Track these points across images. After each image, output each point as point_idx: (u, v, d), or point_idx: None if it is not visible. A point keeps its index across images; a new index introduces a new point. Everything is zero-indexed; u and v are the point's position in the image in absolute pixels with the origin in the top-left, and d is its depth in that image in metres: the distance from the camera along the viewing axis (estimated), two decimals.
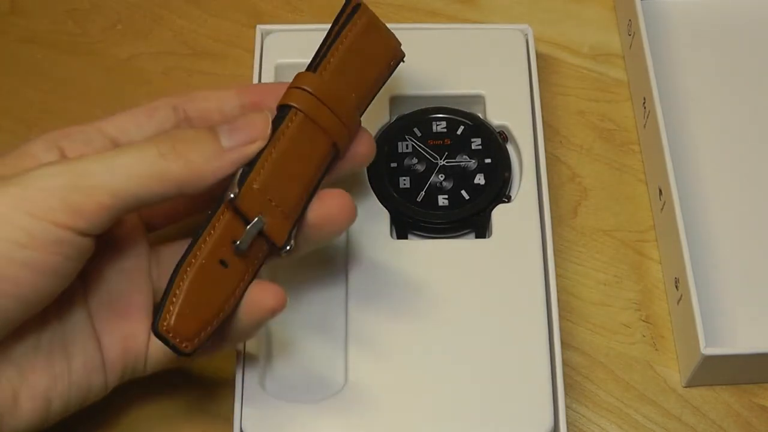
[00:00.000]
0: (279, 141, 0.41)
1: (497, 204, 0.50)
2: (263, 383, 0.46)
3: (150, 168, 0.38)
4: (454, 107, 0.53)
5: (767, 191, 0.53)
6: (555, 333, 0.47)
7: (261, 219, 0.40)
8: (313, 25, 0.56)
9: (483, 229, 0.50)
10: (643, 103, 0.54)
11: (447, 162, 0.52)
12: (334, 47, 0.43)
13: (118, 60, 0.59)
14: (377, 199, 0.50)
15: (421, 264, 0.48)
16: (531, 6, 0.61)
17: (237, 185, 0.39)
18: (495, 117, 0.53)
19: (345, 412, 0.45)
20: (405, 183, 0.51)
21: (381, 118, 0.53)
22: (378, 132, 0.53)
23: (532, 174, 0.51)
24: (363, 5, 0.44)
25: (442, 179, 0.51)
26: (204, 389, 0.48)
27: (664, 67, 0.57)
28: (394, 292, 0.48)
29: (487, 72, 0.54)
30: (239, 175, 0.40)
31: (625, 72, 0.59)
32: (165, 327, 0.38)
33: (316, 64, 0.42)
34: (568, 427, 0.45)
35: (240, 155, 0.40)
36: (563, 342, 0.48)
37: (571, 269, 0.52)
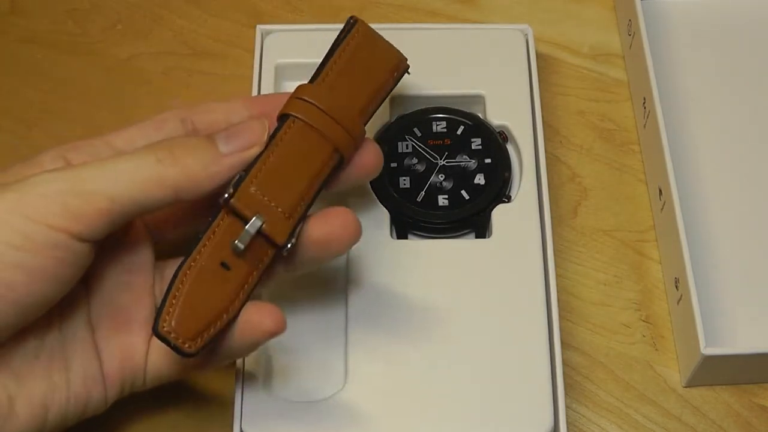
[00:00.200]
0: (276, 146, 0.41)
1: (497, 204, 0.50)
2: (263, 383, 0.46)
3: (148, 173, 0.38)
4: (454, 107, 0.53)
5: (767, 191, 0.53)
6: (555, 333, 0.47)
7: (259, 218, 0.40)
8: (313, 25, 0.56)
9: (483, 229, 0.50)
10: (643, 103, 0.54)
11: (447, 162, 0.52)
12: (332, 60, 0.44)
13: (118, 60, 0.59)
14: (377, 199, 0.50)
15: (421, 264, 0.48)
16: (531, 6, 0.61)
17: (233, 186, 0.40)
18: (495, 117, 0.53)
19: (345, 412, 0.45)
20: (405, 183, 0.51)
21: (381, 118, 0.53)
22: (378, 132, 0.53)
23: (532, 174, 0.51)
24: (360, 21, 0.45)
25: (442, 179, 0.51)
26: (204, 389, 0.48)
27: (664, 67, 0.57)
28: (394, 292, 0.48)
29: (487, 72, 0.54)
30: (235, 179, 0.40)
31: (625, 72, 0.59)
32: (165, 328, 0.38)
33: (315, 77, 0.44)
34: (568, 427, 0.45)
35: (237, 160, 0.40)
36: (563, 342, 0.48)
37: (571, 269, 0.52)
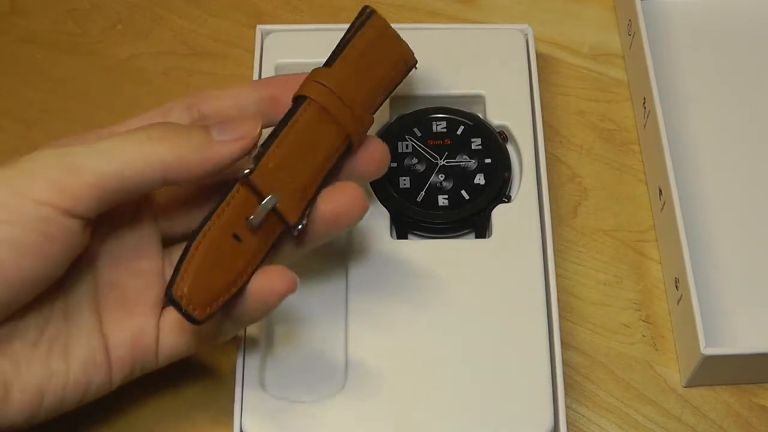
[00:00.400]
0: (294, 126, 0.42)
1: (497, 204, 0.50)
2: (263, 383, 0.46)
3: (138, 149, 0.39)
4: (454, 107, 0.53)
5: (767, 191, 0.53)
6: (555, 333, 0.47)
7: (275, 196, 0.40)
8: (313, 25, 0.56)
9: (483, 229, 0.50)
10: (643, 103, 0.54)
11: (447, 162, 0.52)
12: (348, 48, 0.44)
13: (118, 60, 0.59)
14: (377, 199, 0.50)
15: (421, 264, 0.48)
16: (531, 6, 0.61)
17: (253, 161, 0.40)
18: (495, 117, 0.53)
19: (345, 411, 0.45)
20: (405, 183, 0.51)
21: (381, 118, 0.53)
22: (378, 132, 0.53)
23: (532, 174, 0.51)
24: (376, 13, 0.46)
25: (442, 179, 0.51)
26: (204, 389, 0.48)
27: (664, 67, 0.57)
28: (394, 292, 0.48)
29: (487, 72, 0.54)
30: (255, 154, 0.41)
31: (625, 72, 0.59)
32: (179, 294, 0.38)
33: (331, 61, 0.44)
34: (568, 427, 0.45)
35: (227, 149, 0.40)
36: (563, 342, 0.48)
37: (571, 269, 0.52)
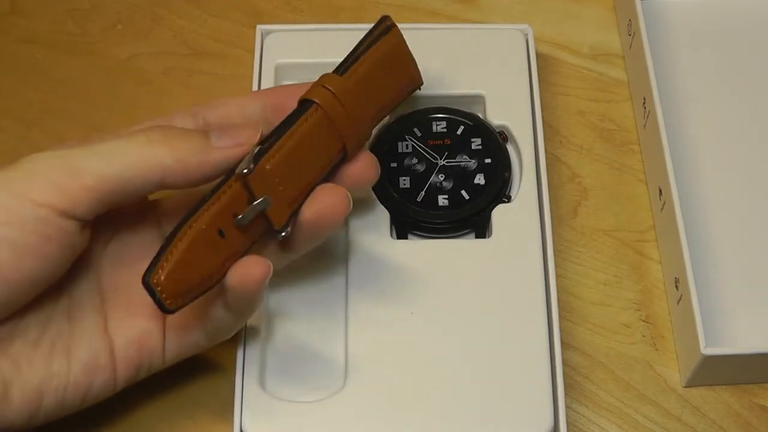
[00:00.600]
0: (297, 130, 0.42)
1: (497, 204, 0.50)
2: (263, 383, 0.46)
3: (137, 151, 0.39)
4: (454, 107, 0.53)
5: (767, 191, 0.53)
6: (555, 333, 0.47)
7: (267, 199, 0.40)
8: (313, 25, 0.56)
9: (483, 229, 0.50)
10: (643, 103, 0.54)
11: (447, 162, 0.52)
12: (362, 58, 0.44)
13: (118, 60, 0.59)
14: (377, 199, 0.50)
15: (421, 264, 0.48)
16: (531, 6, 0.61)
17: (252, 161, 0.40)
18: (495, 117, 0.53)
19: (345, 412, 0.45)
20: (405, 183, 0.51)
21: None
22: (378, 132, 0.52)
23: (532, 174, 0.51)
24: (396, 28, 0.45)
25: (442, 179, 0.51)
26: (204, 388, 0.48)
27: (664, 67, 0.57)
28: (394, 292, 0.48)
29: (487, 72, 0.54)
30: (255, 153, 0.40)
31: (625, 72, 0.59)
32: (155, 280, 0.38)
33: (343, 69, 0.44)
34: (568, 427, 0.45)
35: (225, 156, 0.40)
36: (563, 342, 0.48)
37: (571, 269, 0.52)
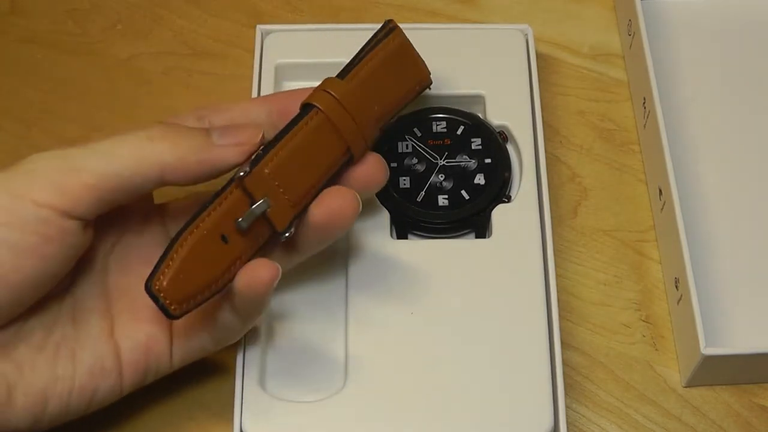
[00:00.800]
0: (297, 134, 0.42)
1: (497, 204, 0.50)
2: (263, 383, 0.46)
3: (136, 148, 0.39)
4: (454, 107, 0.53)
5: (767, 191, 0.53)
6: (555, 333, 0.47)
7: (266, 201, 0.41)
8: (313, 25, 0.56)
9: (483, 229, 0.50)
10: (643, 103, 0.54)
11: (447, 162, 0.52)
12: (364, 61, 0.45)
13: (118, 60, 0.59)
14: (377, 199, 0.50)
15: (421, 264, 0.48)
16: (531, 6, 0.61)
17: (249, 165, 0.40)
18: (495, 117, 0.53)
19: (345, 412, 0.45)
20: (405, 183, 0.51)
21: None
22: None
23: (532, 174, 0.51)
24: (398, 29, 0.46)
25: (442, 179, 0.51)
26: (205, 388, 0.48)
27: (664, 67, 0.57)
28: (394, 292, 0.48)
29: (487, 72, 0.54)
30: (253, 157, 0.41)
31: (625, 72, 0.59)
32: (157, 287, 0.38)
33: (345, 72, 0.44)
34: (568, 427, 0.45)
35: (226, 154, 0.40)
36: (563, 342, 0.48)
37: (571, 269, 0.52)
